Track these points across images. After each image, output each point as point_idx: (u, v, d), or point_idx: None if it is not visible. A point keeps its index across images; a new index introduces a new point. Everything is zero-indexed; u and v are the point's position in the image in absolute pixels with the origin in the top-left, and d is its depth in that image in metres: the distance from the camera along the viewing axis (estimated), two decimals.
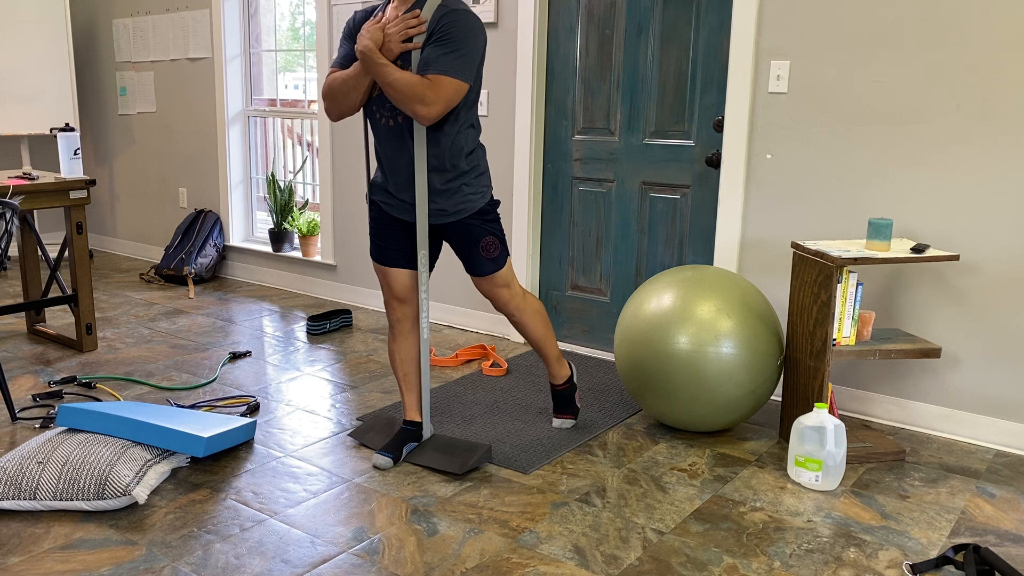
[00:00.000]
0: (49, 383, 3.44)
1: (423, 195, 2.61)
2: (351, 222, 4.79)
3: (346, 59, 2.60)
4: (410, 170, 2.60)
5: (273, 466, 2.73)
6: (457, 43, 2.43)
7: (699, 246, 3.64)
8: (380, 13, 2.58)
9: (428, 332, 2.75)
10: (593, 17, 3.77)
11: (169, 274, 5.29)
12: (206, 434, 2.61)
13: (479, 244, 2.71)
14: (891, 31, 3.01)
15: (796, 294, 2.92)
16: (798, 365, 2.92)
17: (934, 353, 2.82)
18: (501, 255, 2.76)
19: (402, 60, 2.49)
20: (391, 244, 2.75)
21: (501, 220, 2.78)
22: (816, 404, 2.65)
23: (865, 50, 3.07)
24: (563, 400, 3.09)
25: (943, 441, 3.05)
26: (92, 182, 3.80)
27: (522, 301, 2.87)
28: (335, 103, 2.58)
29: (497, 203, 2.76)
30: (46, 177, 3.80)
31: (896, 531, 2.40)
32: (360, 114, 4.71)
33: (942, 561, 2.21)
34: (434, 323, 4.46)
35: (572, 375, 3.10)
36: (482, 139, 4.15)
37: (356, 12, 2.65)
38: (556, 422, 3.11)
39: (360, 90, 2.53)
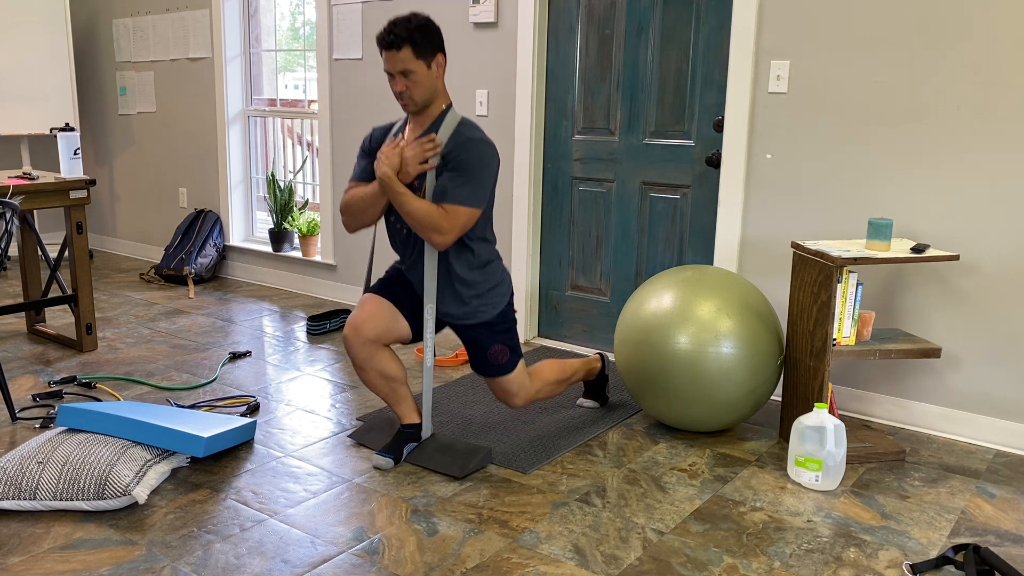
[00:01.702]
0: (49, 383, 3.44)
1: (432, 276, 2.66)
2: None
3: (364, 173, 2.71)
4: (423, 272, 2.70)
5: (273, 466, 2.73)
6: (472, 173, 2.54)
7: (699, 246, 3.64)
8: (400, 135, 2.68)
9: (432, 356, 2.75)
10: (593, 17, 3.77)
11: (169, 274, 5.30)
12: (206, 434, 2.61)
13: (486, 351, 2.76)
14: (891, 31, 3.01)
15: (796, 294, 2.92)
16: (798, 365, 2.92)
17: (934, 353, 2.82)
18: (510, 362, 2.78)
19: (418, 178, 2.61)
20: (401, 288, 2.76)
21: (516, 326, 2.81)
22: (816, 404, 2.65)
23: (865, 50, 3.07)
24: (593, 388, 3.27)
25: (943, 441, 3.05)
26: (92, 182, 3.80)
27: (532, 395, 2.89)
28: (353, 218, 2.69)
29: (511, 312, 2.79)
30: (46, 177, 3.80)
31: (896, 531, 2.40)
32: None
33: (942, 561, 2.21)
34: None
35: (603, 367, 3.22)
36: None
37: (374, 129, 2.77)
38: (580, 400, 3.30)
39: (378, 208, 2.64)
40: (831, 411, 2.93)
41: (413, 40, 2.50)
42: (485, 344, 2.75)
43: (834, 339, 2.81)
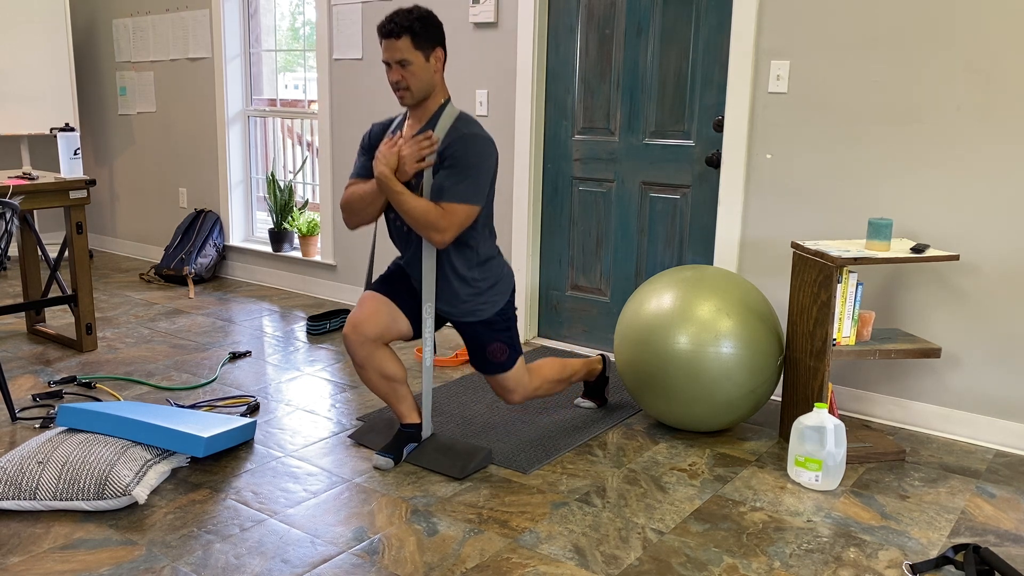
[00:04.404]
0: (49, 383, 3.44)
1: (431, 275, 2.65)
2: None
3: (363, 170, 2.72)
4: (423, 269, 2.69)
5: (273, 466, 2.73)
6: (469, 169, 2.53)
7: (699, 246, 3.64)
8: (398, 132, 2.67)
9: (431, 356, 2.75)
10: (593, 17, 3.77)
11: (169, 274, 5.30)
12: (206, 434, 2.61)
13: (485, 349, 2.76)
14: (891, 31, 3.01)
15: (796, 294, 2.92)
16: (798, 365, 2.92)
17: (934, 353, 2.82)
18: (509, 359, 2.78)
19: (416, 176, 2.60)
20: (401, 283, 2.76)
21: (516, 323, 2.80)
22: (816, 404, 2.65)
23: (865, 50, 3.07)
24: (592, 389, 3.27)
25: (943, 441, 3.06)
26: (92, 182, 3.80)
27: (531, 392, 2.88)
28: (353, 216, 2.69)
29: (512, 310, 2.79)
30: (46, 177, 3.80)
31: (896, 531, 2.40)
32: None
33: (942, 561, 2.21)
34: None
35: (605, 368, 3.21)
36: None
37: (373, 125, 2.78)
38: (578, 400, 3.29)
39: (377, 206, 2.64)
40: (831, 411, 2.93)
41: (412, 30, 2.49)
42: (484, 341, 2.75)
43: (834, 339, 2.81)
